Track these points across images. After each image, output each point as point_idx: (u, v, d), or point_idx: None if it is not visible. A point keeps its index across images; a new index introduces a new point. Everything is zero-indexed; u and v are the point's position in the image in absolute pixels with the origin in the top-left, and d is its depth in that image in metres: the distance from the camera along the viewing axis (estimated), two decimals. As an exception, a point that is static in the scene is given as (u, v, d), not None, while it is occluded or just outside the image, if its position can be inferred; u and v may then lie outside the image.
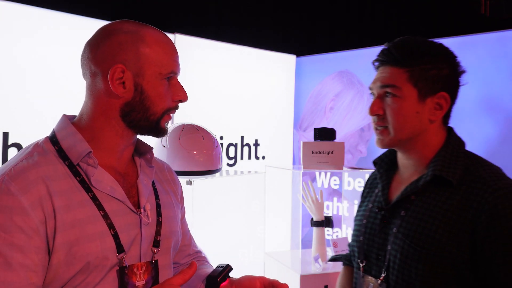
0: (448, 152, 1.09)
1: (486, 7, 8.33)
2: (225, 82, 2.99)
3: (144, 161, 1.06)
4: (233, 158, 3.06)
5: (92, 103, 0.96)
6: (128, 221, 0.95)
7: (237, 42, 3.09)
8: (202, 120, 2.26)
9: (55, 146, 0.93)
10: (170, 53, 0.99)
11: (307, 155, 2.43)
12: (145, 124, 0.97)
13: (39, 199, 0.85)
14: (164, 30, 0.97)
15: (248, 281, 1.00)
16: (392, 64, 1.09)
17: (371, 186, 1.30)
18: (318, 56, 3.44)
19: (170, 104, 1.01)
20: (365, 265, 1.17)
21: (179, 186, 1.20)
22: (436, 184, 1.06)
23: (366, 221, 1.20)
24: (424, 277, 1.01)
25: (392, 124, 1.09)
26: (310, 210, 2.58)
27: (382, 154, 1.26)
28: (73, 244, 0.86)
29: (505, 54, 2.50)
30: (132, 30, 0.95)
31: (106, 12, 2.78)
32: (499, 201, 0.96)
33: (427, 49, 1.09)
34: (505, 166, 1.10)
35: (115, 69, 0.92)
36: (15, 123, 2.05)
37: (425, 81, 1.07)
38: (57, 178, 0.89)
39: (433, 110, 1.09)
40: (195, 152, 1.87)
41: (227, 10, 3.57)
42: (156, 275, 0.99)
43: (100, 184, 0.93)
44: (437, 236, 1.01)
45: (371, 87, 1.15)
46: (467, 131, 2.60)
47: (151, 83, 0.95)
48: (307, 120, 3.46)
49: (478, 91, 2.58)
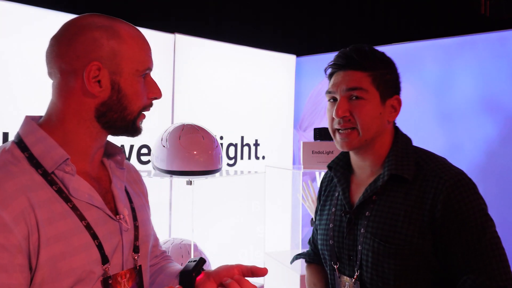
0: (398, 151, 1.16)
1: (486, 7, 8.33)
2: (225, 82, 2.99)
3: (114, 163, 1.01)
4: (233, 158, 3.06)
5: (63, 103, 0.89)
6: (109, 229, 0.90)
7: (237, 42, 3.09)
8: (202, 120, 2.26)
9: (24, 152, 0.85)
10: (145, 49, 0.94)
11: (307, 155, 2.43)
12: (122, 124, 0.93)
13: (21, 212, 0.78)
14: (164, 30, 0.97)
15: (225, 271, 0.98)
16: (355, 69, 1.14)
17: (329, 190, 1.35)
18: (318, 56, 3.44)
19: (145, 102, 0.95)
20: (339, 266, 1.23)
21: (144, 186, 1.15)
22: (393, 182, 1.13)
23: (333, 225, 1.25)
24: (396, 270, 1.08)
25: (360, 126, 1.13)
26: (310, 210, 2.58)
27: (336, 158, 1.32)
28: (58, 259, 0.80)
29: (505, 54, 2.50)
30: (105, 24, 0.89)
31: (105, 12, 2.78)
32: (451, 190, 1.05)
33: (380, 55, 1.16)
34: (505, 166, 1.10)
35: (91, 67, 0.86)
36: (15, 123, 2.05)
37: (384, 84, 1.14)
38: (35, 189, 0.82)
39: (390, 111, 1.17)
40: (195, 152, 1.87)
41: (227, 10, 3.57)
42: (140, 281, 0.97)
43: (77, 192, 0.87)
44: (403, 231, 1.08)
45: (331, 91, 1.18)
46: (467, 131, 2.61)
47: (129, 81, 0.91)
48: (307, 120, 3.46)
49: (478, 91, 2.58)
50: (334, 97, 1.17)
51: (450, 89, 2.68)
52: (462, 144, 2.61)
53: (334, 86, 1.17)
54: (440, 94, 2.71)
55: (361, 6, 4.78)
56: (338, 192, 1.27)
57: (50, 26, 0.92)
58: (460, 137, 2.63)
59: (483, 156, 2.54)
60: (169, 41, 2.68)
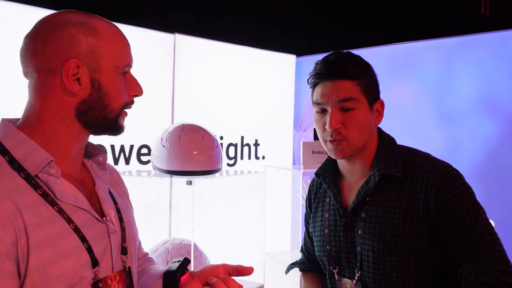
0: (385, 151, 1.18)
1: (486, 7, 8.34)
2: (225, 82, 2.99)
3: (95, 164, 0.98)
4: (233, 158, 3.06)
5: (42, 103, 0.86)
6: (97, 232, 0.88)
7: (237, 42, 3.09)
8: (202, 120, 2.26)
9: (4, 156, 0.82)
10: (124, 45, 0.91)
11: (307, 155, 2.43)
12: (103, 123, 0.90)
13: (8, 217, 0.75)
14: (164, 30, 0.97)
15: (211, 270, 0.97)
16: (343, 78, 1.13)
17: (319, 197, 1.36)
18: (318, 56, 3.43)
19: (126, 99, 0.92)
20: (338, 270, 1.24)
21: (125, 187, 1.14)
22: (384, 181, 1.15)
23: (328, 230, 1.26)
24: (398, 267, 1.10)
25: (351, 135, 1.14)
26: (310, 210, 2.58)
27: (322, 165, 1.32)
28: (47, 264, 0.78)
29: (505, 54, 2.50)
30: (82, 21, 0.87)
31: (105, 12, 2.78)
32: (440, 183, 1.08)
33: (361, 61, 1.18)
34: (505, 166, 1.11)
35: (69, 64, 0.83)
36: None
37: (370, 90, 1.16)
38: (19, 192, 0.79)
39: (376, 116, 1.19)
40: (195, 152, 1.87)
41: (227, 10, 3.57)
42: (130, 282, 0.96)
43: (63, 195, 0.84)
44: (400, 228, 1.10)
45: (321, 102, 1.16)
46: (467, 131, 2.61)
47: (109, 78, 0.88)
48: (307, 120, 3.46)
49: (478, 91, 2.58)
50: (324, 108, 1.17)
51: (450, 89, 2.68)
52: (462, 144, 2.61)
53: (324, 97, 1.15)
54: (440, 94, 2.71)
55: (361, 6, 4.78)
56: (329, 198, 1.29)
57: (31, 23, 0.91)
58: (460, 137, 2.63)
59: (483, 156, 2.54)
60: (169, 41, 2.68)
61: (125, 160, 2.49)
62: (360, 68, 1.15)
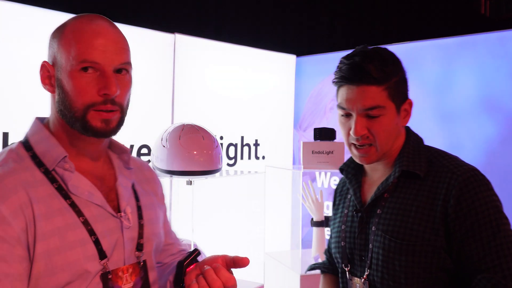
0: (410, 149, 1.15)
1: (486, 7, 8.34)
2: (225, 82, 2.99)
3: (122, 163, 1.02)
4: (233, 158, 3.06)
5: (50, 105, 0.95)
6: (109, 226, 0.92)
7: (237, 42, 3.09)
8: (202, 120, 2.26)
9: (28, 152, 0.89)
10: (86, 40, 0.86)
11: (307, 155, 2.43)
12: (75, 124, 0.89)
13: (20, 206, 0.81)
14: (164, 30, 0.97)
15: (210, 260, 0.97)
16: (369, 83, 1.07)
17: (342, 194, 1.34)
18: (318, 56, 3.44)
19: (93, 98, 0.87)
20: (350, 268, 1.20)
21: (159, 185, 1.15)
22: (405, 179, 1.12)
23: (345, 226, 1.23)
24: (408, 267, 1.05)
25: (379, 141, 1.11)
26: (310, 210, 2.58)
27: (347, 160, 1.29)
28: (53, 253, 0.83)
29: (505, 54, 2.50)
30: (62, 24, 0.91)
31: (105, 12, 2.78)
32: (463, 185, 1.03)
33: (389, 60, 1.10)
34: (505, 166, 1.11)
35: (41, 66, 0.90)
36: (15, 123, 2.05)
37: (398, 93, 1.10)
38: (35, 185, 0.85)
39: (403, 116, 1.15)
40: (195, 152, 1.87)
41: (227, 10, 3.57)
42: (145, 275, 0.98)
43: (77, 189, 0.89)
44: (415, 227, 1.06)
45: (346, 107, 1.11)
46: (467, 131, 2.61)
47: (67, 76, 0.87)
48: (307, 120, 3.46)
49: (478, 91, 2.58)
50: (349, 113, 1.12)
51: (450, 89, 2.68)
52: (462, 144, 2.61)
53: (349, 102, 1.10)
54: (440, 94, 2.71)
55: (361, 6, 4.79)
56: (350, 195, 1.26)
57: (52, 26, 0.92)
58: (460, 137, 2.63)
59: (483, 156, 2.54)
60: (169, 41, 2.68)
61: (125, 160, 2.48)
62: (387, 70, 1.07)
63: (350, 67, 1.09)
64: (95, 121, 0.88)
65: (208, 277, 0.89)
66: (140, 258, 0.97)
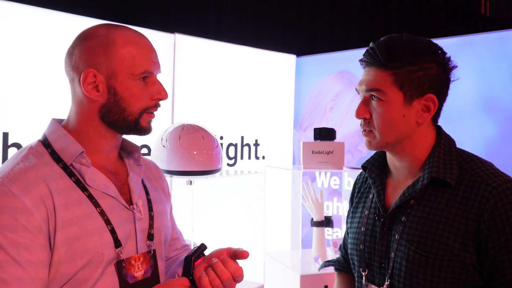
0: (441, 153, 1.07)
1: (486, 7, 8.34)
2: (225, 82, 2.99)
3: (133, 160, 1.10)
4: (233, 158, 3.06)
5: (75, 107, 1.01)
6: (123, 217, 0.99)
7: (237, 42, 3.09)
8: (202, 120, 2.26)
9: (47, 149, 0.97)
10: (142, 53, 0.99)
11: (307, 155, 2.43)
12: (124, 124, 1.00)
13: (41, 198, 0.88)
14: (164, 30, 0.98)
15: (216, 253, 1.05)
16: (377, 66, 1.05)
17: (363, 191, 1.27)
18: (318, 56, 3.44)
19: (148, 103, 1.01)
20: (367, 273, 1.15)
21: (165, 183, 1.24)
22: (434, 186, 1.05)
23: (364, 229, 1.17)
24: (433, 282, 0.99)
25: (377, 128, 1.07)
26: (310, 210, 2.58)
27: (371, 158, 1.23)
28: (72, 241, 0.90)
29: (505, 54, 2.50)
30: (103, 33, 0.97)
31: (105, 12, 2.78)
32: (498, 198, 0.96)
33: (413, 48, 1.03)
34: (505, 166, 1.10)
35: (87, 74, 0.95)
36: (15, 123, 2.05)
37: (411, 83, 1.03)
38: (54, 178, 0.92)
39: (421, 112, 1.06)
40: (195, 152, 1.87)
41: (227, 10, 3.57)
42: (155, 264, 1.04)
43: (94, 182, 0.97)
44: (443, 240, 0.99)
45: (357, 89, 1.11)
46: (467, 131, 2.61)
47: (124, 84, 0.97)
48: (307, 120, 3.46)
49: (478, 91, 2.58)
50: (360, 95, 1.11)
51: (450, 89, 2.68)
52: (462, 144, 2.59)
53: (359, 84, 1.10)
54: (440, 94, 2.71)
55: (361, 6, 4.78)
56: (372, 194, 1.19)
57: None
58: (460, 137, 2.63)
59: (483, 156, 2.53)
60: (169, 41, 2.68)
61: (125, 160, 2.48)
62: (401, 57, 1.02)
63: (367, 50, 1.09)
64: (144, 122, 1.02)
65: (217, 269, 0.96)
66: (151, 247, 1.04)
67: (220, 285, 0.94)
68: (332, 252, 2.49)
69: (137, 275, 0.99)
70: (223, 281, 0.95)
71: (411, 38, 1.06)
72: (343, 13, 4.59)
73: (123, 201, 1.01)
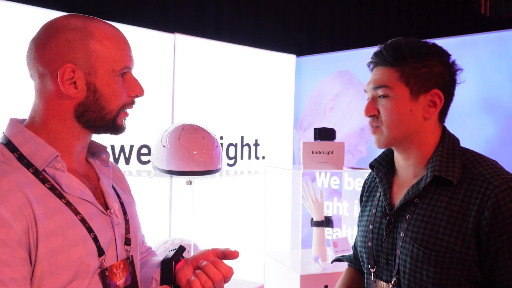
0: (444, 151, 1.10)
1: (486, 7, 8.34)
2: (225, 82, 2.99)
3: (99, 162, 1.03)
4: (233, 158, 3.06)
5: (44, 105, 0.91)
6: (102, 223, 0.93)
7: (237, 42, 3.09)
8: (202, 120, 2.26)
9: (14, 153, 0.87)
10: (122, 48, 0.93)
11: (307, 155, 2.43)
12: (101, 123, 0.94)
13: (19, 207, 0.80)
14: (164, 30, 0.97)
15: (201, 255, 1.00)
16: (384, 65, 1.10)
17: (371, 190, 1.31)
18: (318, 56, 3.44)
19: (125, 100, 0.96)
20: (376, 270, 1.18)
21: (127, 184, 1.19)
22: (437, 184, 1.07)
23: (372, 227, 1.20)
24: (436, 279, 1.02)
25: (385, 124, 1.10)
26: (310, 210, 2.58)
27: (378, 157, 1.26)
28: (56, 253, 0.83)
29: (505, 54, 2.50)
30: (79, 26, 0.89)
31: (105, 12, 2.78)
32: (500, 197, 0.97)
33: (417, 48, 1.09)
34: (505, 166, 1.10)
35: (64, 69, 0.87)
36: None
37: (416, 78, 1.07)
38: (29, 185, 0.84)
39: (427, 107, 1.10)
40: (195, 152, 1.87)
41: (227, 10, 3.57)
42: (133, 271, 1.00)
43: (70, 188, 0.89)
44: (445, 238, 1.01)
45: (366, 90, 1.16)
46: (467, 131, 2.61)
47: (105, 81, 0.91)
48: (307, 120, 3.46)
49: (478, 91, 2.58)
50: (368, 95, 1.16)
51: (450, 89, 2.68)
52: (462, 144, 2.61)
53: (367, 84, 1.15)
54: (440, 94, 2.71)
55: (361, 6, 4.78)
56: (379, 193, 1.22)
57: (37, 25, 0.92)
58: (460, 137, 2.62)
59: (483, 156, 2.54)
60: (169, 41, 2.68)
61: (125, 160, 2.49)
62: (407, 55, 1.07)
63: (375, 52, 1.14)
64: (120, 120, 0.96)
65: (209, 271, 0.93)
66: (129, 253, 1.00)
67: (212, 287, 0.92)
68: (332, 252, 2.49)
69: (119, 283, 0.95)
70: (215, 283, 0.92)
71: (416, 40, 1.11)
72: (343, 13, 4.59)
73: (100, 206, 0.94)
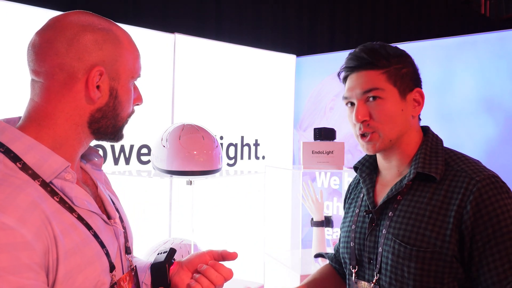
0: (427, 149, 1.11)
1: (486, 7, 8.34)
2: (225, 82, 2.99)
3: (89, 165, 0.96)
4: (233, 158, 3.06)
5: (55, 107, 0.81)
6: (108, 235, 0.87)
7: (237, 42, 3.09)
8: (202, 120, 2.26)
9: (16, 162, 0.75)
10: (138, 56, 0.91)
11: (307, 155, 2.43)
12: (112, 131, 0.89)
13: (40, 226, 0.72)
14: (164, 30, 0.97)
15: (197, 258, 0.97)
16: (368, 68, 1.09)
17: (355, 192, 1.31)
18: (318, 56, 3.44)
19: (132, 109, 0.93)
20: (358, 270, 1.17)
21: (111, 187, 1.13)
22: (420, 181, 1.08)
23: (355, 226, 1.20)
24: (417, 275, 1.01)
25: (380, 126, 1.08)
26: (310, 210, 2.58)
27: (362, 159, 1.26)
28: (75, 273, 0.76)
29: (505, 54, 2.50)
30: (105, 27, 0.85)
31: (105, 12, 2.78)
32: (483, 191, 0.98)
33: (392, 50, 1.11)
34: (505, 166, 1.10)
35: (95, 72, 0.81)
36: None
37: (401, 79, 1.10)
38: (42, 200, 0.74)
39: (413, 106, 1.13)
40: (195, 152, 1.87)
41: (227, 10, 3.57)
42: (137, 281, 0.96)
43: (78, 200, 0.81)
44: (427, 233, 1.01)
45: (347, 96, 1.13)
46: (467, 131, 2.61)
47: (125, 88, 0.88)
48: (307, 120, 3.46)
49: (478, 91, 2.58)
50: (351, 102, 1.12)
51: (450, 89, 2.68)
52: (462, 144, 2.61)
53: (349, 90, 1.12)
54: (440, 94, 2.71)
55: (361, 6, 4.79)
56: (363, 194, 1.22)
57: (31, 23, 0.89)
58: (460, 137, 2.63)
59: (483, 156, 2.54)
60: (169, 41, 2.68)
61: (125, 160, 2.49)
62: (387, 56, 1.08)
63: (350, 58, 1.13)
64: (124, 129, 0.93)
65: (211, 275, 0.91)
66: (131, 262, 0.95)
67: None
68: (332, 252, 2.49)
69: None
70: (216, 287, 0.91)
71: (384, 43, 1.14)
72: (343, 13, 4.59)
73: (105, 216, 0.88)
